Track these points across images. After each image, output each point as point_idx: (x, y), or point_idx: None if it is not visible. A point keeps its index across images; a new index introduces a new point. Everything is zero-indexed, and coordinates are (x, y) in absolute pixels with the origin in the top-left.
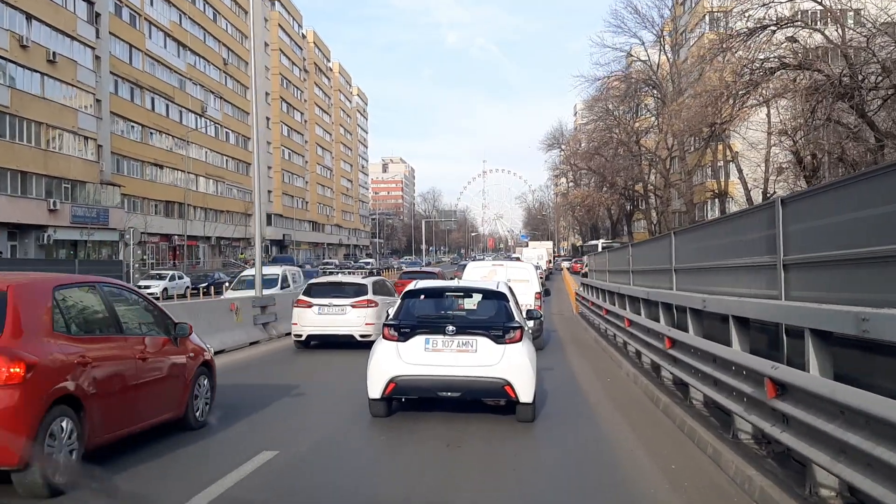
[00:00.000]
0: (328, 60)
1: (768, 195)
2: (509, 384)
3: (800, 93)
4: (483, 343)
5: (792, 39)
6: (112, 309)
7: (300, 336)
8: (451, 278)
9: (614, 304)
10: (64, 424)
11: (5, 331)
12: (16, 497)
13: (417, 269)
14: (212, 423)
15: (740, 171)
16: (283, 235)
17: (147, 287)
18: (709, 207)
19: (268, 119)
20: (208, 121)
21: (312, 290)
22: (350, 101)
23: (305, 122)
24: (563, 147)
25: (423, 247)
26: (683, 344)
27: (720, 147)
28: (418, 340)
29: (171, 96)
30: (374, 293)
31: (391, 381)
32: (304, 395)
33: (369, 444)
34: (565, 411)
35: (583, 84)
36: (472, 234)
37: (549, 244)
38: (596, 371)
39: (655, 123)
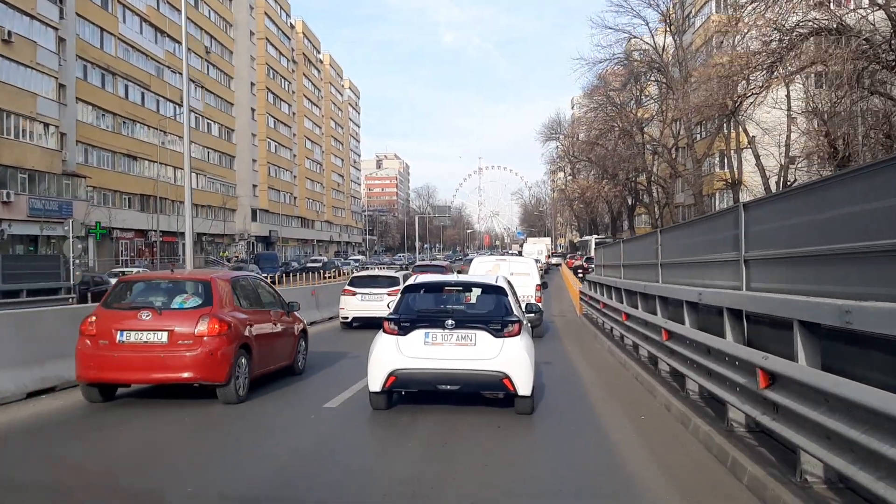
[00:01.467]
0: (318, 52)
1: (788, 183)
2: (508, 377)
3: (843, 58)
4: (482, 337)
5: (821, 3)
6: (256, 292)
7: (346, 318)
8: (458, 271)
9: (635, 307)
10: (243, 360)
11: (214, 304)
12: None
13: (428, 262)
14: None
15: (757, 157)
16: (270, 232)
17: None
18: (718, 199)
19: (253, 110)
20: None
21: (355, 282)
22: (341, 95)
23: (294, 114)
24: (561, 136)
25: (417, 244)
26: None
27: (733, 135)
28: (418, 334)
29: (147, 84)
30: (405, 283)
31: (391, 374)
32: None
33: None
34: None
35: (582, 68)
36: (468, 232)
37: (548, 240)
38: (626, 411)
39: (660, 110)
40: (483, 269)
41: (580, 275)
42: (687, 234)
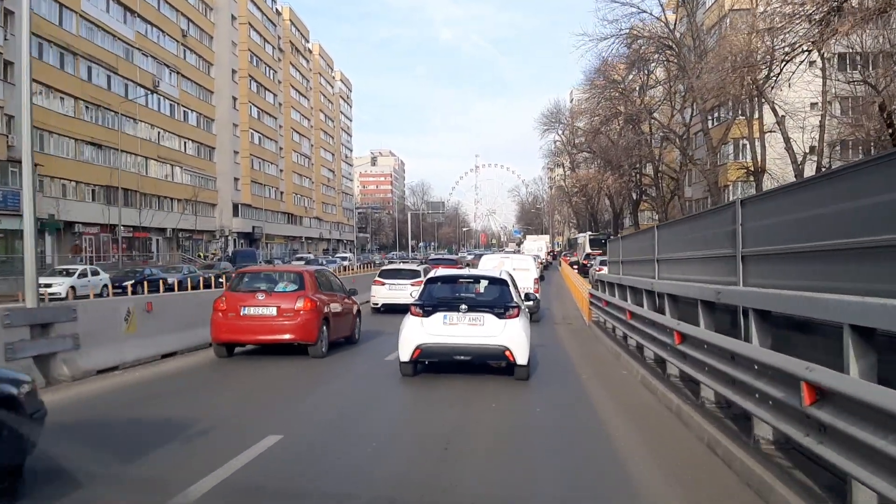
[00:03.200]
0: (306, 41)
1: (822, 168)
2: (509, 350)
3: None
4: (489, 318)
5: None
6: (329, 280)
7: (377, 304)
8: (467, 265)
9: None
10: (324, 328)
11: (306, 288)
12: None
13: (443, 256)
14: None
15: (787, 140)
16: (253, 228)
17: (48, 286)
18: (732, 191)
19: (234, 99)
20: (162, 98)
21: (384, 274)
22: (332, 86)
23: (280, 105)
24: (561, 126)
25: (411, 242)
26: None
27: (755, 122)
28: (438, 316)
29: (115, 67)
30: (424, 275)
31: (417, 347)
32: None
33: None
34: None
35: (585, 45)
36: (464, 230)
37: (547, 237)
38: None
39: (669, 94)
40: (490, 264)
41: (576, 269)
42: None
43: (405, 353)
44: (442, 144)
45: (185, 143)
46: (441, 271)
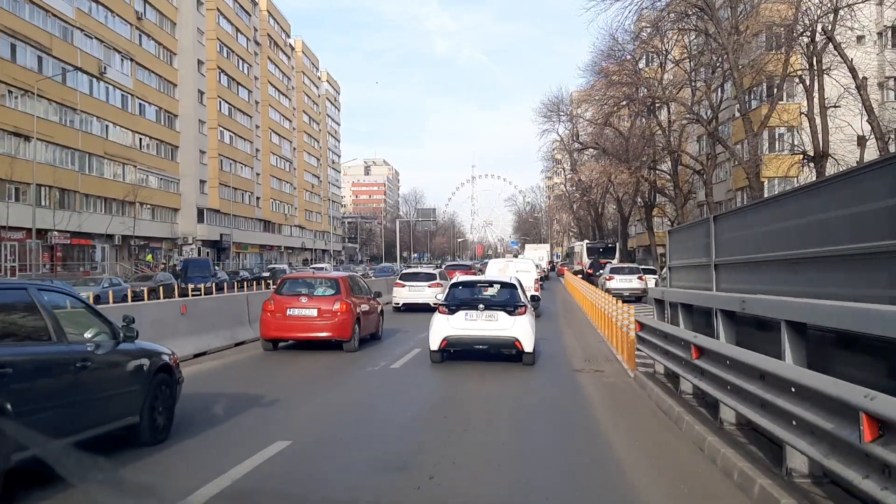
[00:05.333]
0: (287, 36)
1: None
2: (518, 340)
3: None
4: (501, 315)
5: None
6: (359, 284)
7: (398, 304)
8: (479, 271)
9: None
10: (356, 327)
11: (342, 292)
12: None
13: (459, 263)
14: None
15: (870, 110)
16: (221, 235)
17: None
18: (778, 184)
19: (201, 93)
20: (112, 87)
21: (404, 277)
22: (317, 87)
23: (257, 103)
24: (564, 115)
25: (399, 252)
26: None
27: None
28: (461, 314)
29: (48, 47)
30: (440, 278)
31: (444, 338)
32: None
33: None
34: None
35: (597, 6)
36: (459, 241)
37: (548, 246)
38: None
39: (697, 68)
40: (496, 268)
41: (580, 278)
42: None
43: (434, 343)
44: (438, 156)
45: (140, 139)
46: (458, 276)
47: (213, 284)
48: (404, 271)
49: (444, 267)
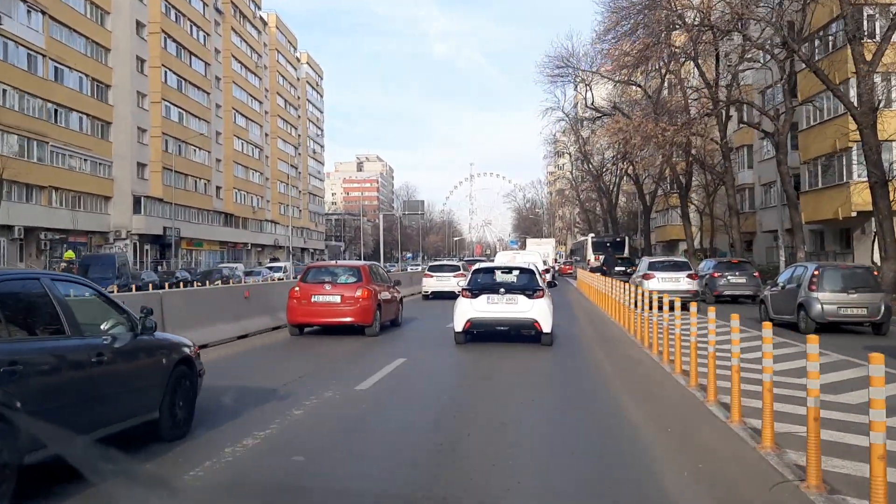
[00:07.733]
0: (258, 8)
1: None
2: (537, 321)
3: None
4: (521, 298)
5: None
6: (379, 273)
7: (427, 292)
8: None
9: None
10: (377, 312)
11: (364, 280)
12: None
13: (477, 258)
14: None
15: None
16: (165, 229)
17: None
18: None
19: (141, 60)
20: (13, 43)
21: (432, 268)
22: (295, 69)
23: (218, 79)
24: (575, 70)
25: (383, 251)
26: None
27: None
28: (483, 297)
29: None
30: (464, 269)
31: (468, 320)
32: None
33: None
34: None
35: None
36: (456, 240)
37: (553, 241)
38: None
39: None
40: (504, 259)
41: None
42: None
43: (459, 325)
44: (436, 158)
45: (55, 110)
46: (477, 265)
47: (115, 287)
48: (431, 264)
49: (465, 261)
